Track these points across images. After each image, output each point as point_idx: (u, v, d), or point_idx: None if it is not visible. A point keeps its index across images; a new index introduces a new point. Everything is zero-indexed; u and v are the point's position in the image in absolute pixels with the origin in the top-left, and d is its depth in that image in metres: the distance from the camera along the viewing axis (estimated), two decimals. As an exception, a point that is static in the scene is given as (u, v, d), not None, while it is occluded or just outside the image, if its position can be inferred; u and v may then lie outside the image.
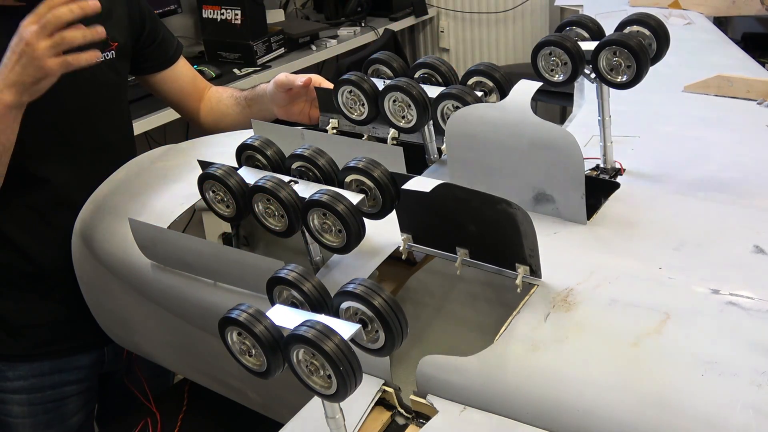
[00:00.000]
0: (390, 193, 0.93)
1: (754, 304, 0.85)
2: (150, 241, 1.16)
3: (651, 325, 0.83)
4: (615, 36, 1.06)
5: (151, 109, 2.50)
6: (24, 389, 1.51)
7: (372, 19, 3.64)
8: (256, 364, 0.77)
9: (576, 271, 0.93)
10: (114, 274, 1.30)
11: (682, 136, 1.32)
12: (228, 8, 3.00)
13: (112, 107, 1.52)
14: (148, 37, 1.56)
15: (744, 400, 0.74)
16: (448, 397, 0.87)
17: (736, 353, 0.79)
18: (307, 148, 0.98)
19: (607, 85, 1.11)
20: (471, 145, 1.06)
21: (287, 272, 0.80)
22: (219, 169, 1.00)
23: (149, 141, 2.75)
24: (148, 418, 1.43)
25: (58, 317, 1.49)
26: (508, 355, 0.85)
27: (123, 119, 1.58)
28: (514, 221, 0.86)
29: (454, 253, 0.95)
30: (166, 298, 1.19)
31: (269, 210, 0.97)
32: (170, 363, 1.42)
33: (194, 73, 1.70)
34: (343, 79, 1.19)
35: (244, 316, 0.74)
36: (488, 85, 1.16)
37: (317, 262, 1.04)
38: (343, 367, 0.69)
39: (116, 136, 1.54)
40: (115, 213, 1.24)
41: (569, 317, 0.87)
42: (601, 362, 0.82)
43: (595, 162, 1.19)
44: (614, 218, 1.05)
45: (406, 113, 1.15)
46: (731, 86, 1.49)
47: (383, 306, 0.75)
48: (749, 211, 1.05)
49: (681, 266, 0.93)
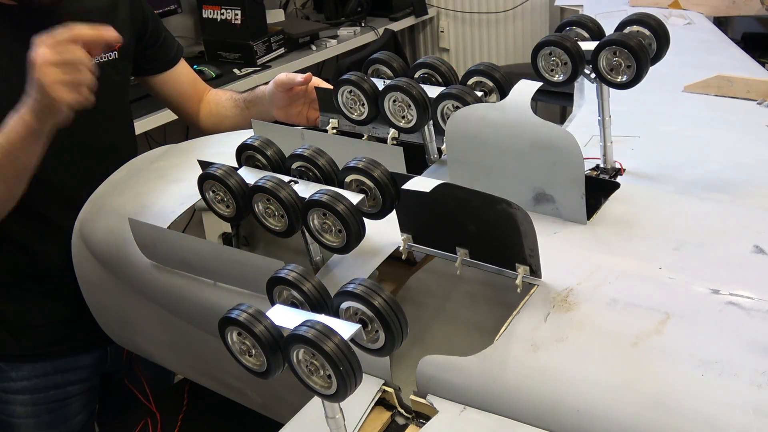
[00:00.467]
0: (390, 193, 0.93)
1: (754, 304, 0.85)
2: (150, 241, 1.16)
3: (651, 325, 0.83)
4: (615, 36, 1.06)
5: (151, 109, 2.50)
6: (27, 389, 1.51)
7: (372, 19, 3.64)
8: (256, 364, 0.77)
9: (576, 271, 0.93)
10: (114, 274, 1.30)
11: (682, 136, 1.32)
12: (228, 8, 3.00)
13: (115, 107, 1.52)
14: (150, 39, 1.57)
15: (744, 400, 0.74)
16: (448, 397, 0.87)
17: (736, 353, 0.79)
18: (307, 148, 0.98)
19: (607, 85, 1.10)
20: (471, 145, 1.06)
21: (287, 272, 0.80)
22: (219, 169, 1.01)
23: (149, 141, 2.75)
24: (148, 418, 1.43)
25: (61, 317, 1.50)
26: (508, 355, 0.85)
27: (125, 119, 1.59)
28: (514, 221, 0.86)
29: (454, 253, 0.95)
30: (166, 298, 1.19)
31: (269, 210, 0.97)
32: (170, 363, 1.42)
33: (194, 75, 1.70)
34: (343, 79, 1.19)
35: (244, 316, 0.74)
36: (488, 85, 1.16)
37: (317, 262, 1.04)
38: (343, 367, 0.69)
39: (119, 136, 1.55)
40: (115, 213, 1.24)
41: (569, 317, 0.87)
42: (601, 362, 0.82)
43: (595, 162, 1.19)
44: (614, 218, 1.05)
45: (406, 113, 1.15)
46: (731, 86, 1.49)
47: (383, 306, 0.75)
48: (749, 211, 1.05)
49: (681, 266, 0.93)
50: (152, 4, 1.64)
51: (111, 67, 1.47)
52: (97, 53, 1.22)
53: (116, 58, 1.48)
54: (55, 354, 1.52)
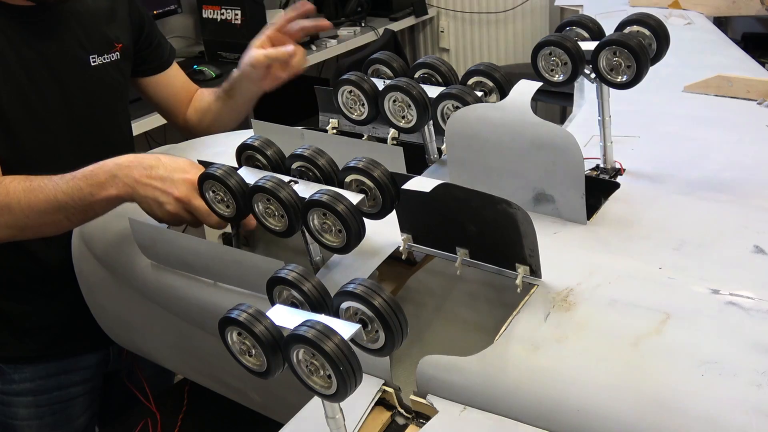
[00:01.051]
0: (390, 193, 0.93)
1: (754, 304, 0.85)
2: (150, 241, 1.16)
3: (651, 325, 0.83)
4: (615, 36, 1.06)
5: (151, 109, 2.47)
6: (30, 391, 1.51)
7: (372, 19, 3.64)
8: (256, 364, 0.77)
9: (576, 271, 0.93)
10: (114, 274, 1.30)
11: (682, 136, 1.32)
12: (228, 8, 3.01)
13: (116, 107, 1.52)
14: (146, 40, 1.56)
15: (744, 400, 0.74)
16: (448, 397, 0.87)
17: (736, 353, 0.79)
18: (307, 148, 0.98)
19: (607, 85, 1.10)
20: (471, 145, 1.06)
21: (287, 272, 0.80)
22: (219, 169, 1.01)
23: (149, 141, 2.75)
24: (148, 418, 1.43)
25: (63, 318, 1.49)
26: (508, 355, 0.85)
27: (124, 119, 1.59)
28: (514, 221, 0.86)
29: (454, 253, 0.95)
30: (166, 298, 1.19)
31: (269, 210, 0.97)
32: (170, 363, 1.42)
33: (185, 78, 1.69)
34: (343, 79, 1.19)
35: (244, 316, 0.74)
36: (488, 85, 1.16)
37: (317, 262, 1.04)
38: (343, 367, 0.69)
39: (119, 136, 1.55)
40: (115, 213, 1.23)
41: (569, 317, 0.87)
42: (601, 362, 0.82)
43: (595, 162, 1.19)
44: (614, 218, 1.05)
45: (406, 113, 1.15)
46: (731, 86, 1.49)
47: (383, 306, 0.75)
48: (749, 211, 1.05)
49: (681, 266, 0.93)
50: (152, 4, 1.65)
51: (113, 67, 1.47)
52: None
53: (118, 59, 1.48)
54: (59, 354, 1.51)
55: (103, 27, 1.45)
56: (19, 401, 1.51)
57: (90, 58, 1.42)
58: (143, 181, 1.09)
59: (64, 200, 1.13)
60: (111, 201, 1.13)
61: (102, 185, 1.11)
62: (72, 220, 1.16)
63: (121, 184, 1.10)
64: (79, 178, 1.13)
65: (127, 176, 1.10)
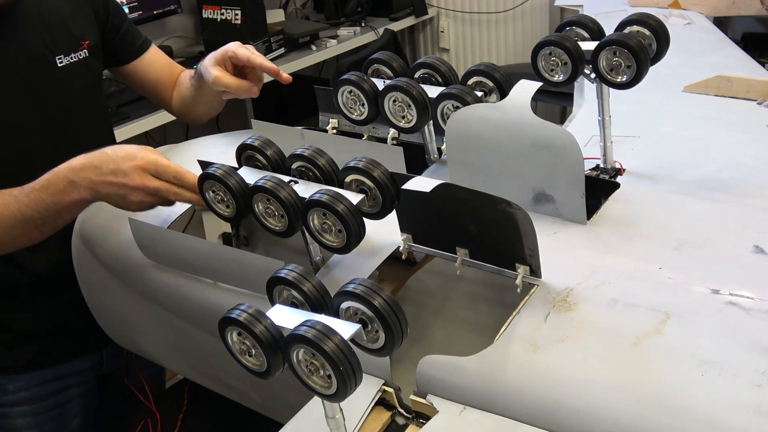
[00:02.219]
0: (390, 193, 0.93)
1: (754, 304, 0.85)
2: (150, 241, 1.16)
3: (651, 325, 0.83)
4: (615, 36, 1.06)
5: (151, 109, 2.49)
6: (26, 400, 1.48)
7: (372, 19, 3.64)
8: (256, 364, 0.77)
9: (576, 271, 0.93)
10: (114, 274, 1.30)
11: (682, 136, 1.32)
12: (228, 8, 3.00)
13: (90, 107, 1.48)
14: (112, 28, 1.51)
15: (744, 400, 0.74)
16: (448, 397, 0.87)
17: (736, 353, 0.79)
18: (307, 148, 0.98)
19: (607, 85, 1.11)
20: (471, 145, 1.06)
21: (287, 272, 0.80)
22: (219, 169, 1.01)
23: (149, 141, 2.75)
24: (148, 418, 1.43)
25: (56, 324, 1.47)
26: (508, 355, 0.85)
27: (101, 117, 1.55)
28: (514, 221, 0.86)
29: (454, 253, 0.95)
30: (166, 298, 1.19)
31: (269, 210, 0.97)
32: (170, 363, 1.42)
33: (168, 60, 1.63)
34: (343, 79, 1.19)
35: (244, 316, 0.74)
36: (488, 85, 1.16)
37: (317, 262, 1.04)
38: (343, 367, 0.69)
39: (97, 135, 1.49)
40: (115, 213, 1.23)
41: (569, 317, 0.87)
42: (601, 362, 0.82)
43: (595, 162, 1.19)
44: (614, 218, 1.05)
45: (406, 113, 1.15)
46: (731, 86, 1.49)
47: (383, 306, 0.75)
48: (749, 211, 1.05)
49: (681, 266, 0.93)
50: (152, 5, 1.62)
51: (82, 66, 1.43)
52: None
53: (87, 56, 1.43)
54: (53, 361, 1.49)
55: (68, 26, 1.40)
56: (16, 411, 1.49)
57: (56, 59, 1.38)
58: (99, 180, 1.09)
59: (30, 214, 1.13)
60: (77, 204, 1.13)
61: (62, 192, 1.11)
62: (43, 230, 1.16)
63: (81, 188, 1.10)
64: (38, 189, 1.13)
65: (83, 179, 1.10)
